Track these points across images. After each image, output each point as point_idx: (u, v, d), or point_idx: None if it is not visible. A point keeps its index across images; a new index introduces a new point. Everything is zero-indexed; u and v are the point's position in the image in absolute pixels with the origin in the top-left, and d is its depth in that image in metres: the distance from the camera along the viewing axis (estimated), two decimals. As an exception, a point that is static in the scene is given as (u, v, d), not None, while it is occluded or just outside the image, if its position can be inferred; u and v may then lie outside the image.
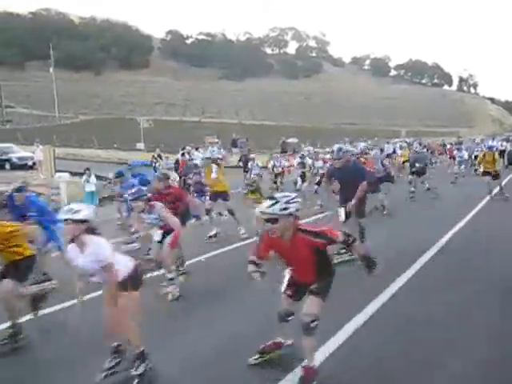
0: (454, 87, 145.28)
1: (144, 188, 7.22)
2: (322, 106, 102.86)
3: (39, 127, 62.85)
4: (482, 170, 13.92)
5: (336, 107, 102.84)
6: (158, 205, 6.63)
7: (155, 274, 7.12)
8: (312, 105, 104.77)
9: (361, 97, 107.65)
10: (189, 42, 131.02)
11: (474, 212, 12.23)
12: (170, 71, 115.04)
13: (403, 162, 20.52)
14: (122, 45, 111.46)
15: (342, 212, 7.64)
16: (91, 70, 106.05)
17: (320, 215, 12.35)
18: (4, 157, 28.26)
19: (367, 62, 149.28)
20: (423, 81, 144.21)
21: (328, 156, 14.80)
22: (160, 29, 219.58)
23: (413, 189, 14.63)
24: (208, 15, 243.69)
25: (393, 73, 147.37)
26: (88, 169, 15.90)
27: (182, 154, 21.45)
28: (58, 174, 19.22)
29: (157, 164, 21.57)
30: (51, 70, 74.85)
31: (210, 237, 10.10)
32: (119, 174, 10.87)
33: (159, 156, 22.39)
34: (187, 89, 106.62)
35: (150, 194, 6.96)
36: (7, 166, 27.59)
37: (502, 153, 24.33)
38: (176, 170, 18.74)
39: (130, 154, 36.61)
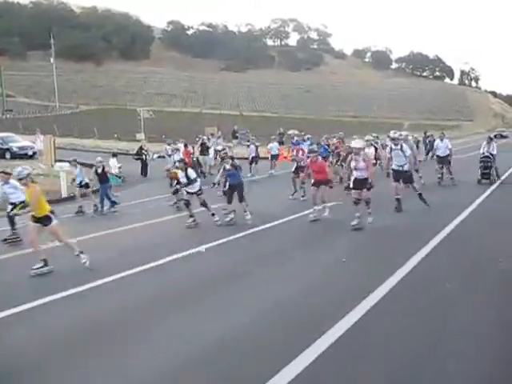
0: (456, 81, 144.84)
1: None
2: (322, 98, 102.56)
3: (40, 117, 62.81)
4: None
5: (337, 99, 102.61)
6: None
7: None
8: (313, 97, 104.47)
9: (362, 89, 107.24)
10: (190, 32, 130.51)
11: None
12: (171, 62, 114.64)
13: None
14: (122, 35, 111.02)
15: None
16: (92, 61, 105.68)
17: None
18: (4, 146, 28.22)
19: (368, 54, 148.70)
20: (424, 74, 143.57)
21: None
22: (161, 19, 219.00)
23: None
24: (209, 6, 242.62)
25: (394, 65, 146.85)
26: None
27: (185, 145, 21.25)
28: (58, 164, 19.20)
29: (146, 156, 20.97)
30: (52, 59, 74.70)
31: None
32: None
33: (144, 148, 21.70)
34: (188, 80, 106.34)
35: None
36: (7, 155, 27.56)
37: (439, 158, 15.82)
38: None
39: (129, 144, 36.52)
